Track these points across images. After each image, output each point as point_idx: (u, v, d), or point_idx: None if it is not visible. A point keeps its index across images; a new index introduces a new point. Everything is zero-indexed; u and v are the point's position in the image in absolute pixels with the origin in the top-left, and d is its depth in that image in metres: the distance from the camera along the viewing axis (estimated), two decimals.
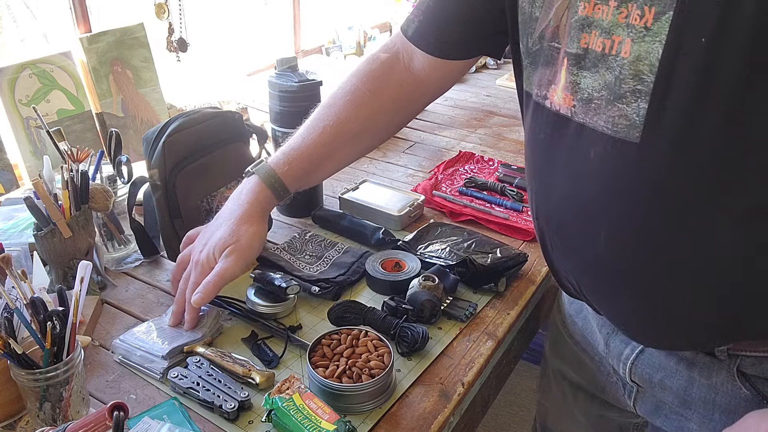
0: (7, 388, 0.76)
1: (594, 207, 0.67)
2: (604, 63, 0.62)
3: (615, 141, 0.62)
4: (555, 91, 0.68)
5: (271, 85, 1.15)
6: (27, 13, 1.36)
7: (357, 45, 2.09)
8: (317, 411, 0.75)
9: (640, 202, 0.62)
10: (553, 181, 0.72)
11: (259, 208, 0.91)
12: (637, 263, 0.66)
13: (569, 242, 0.73)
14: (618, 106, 0.61)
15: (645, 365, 0.78)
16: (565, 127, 0.68)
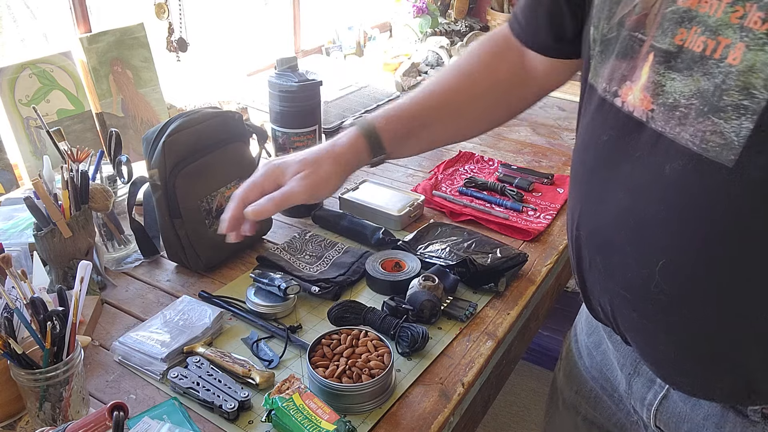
0: (7, 388, 0.76)
1: (657, 230, 0.58)
2: (702, 67, 0.53)
3: (701, 160, 0.53)
4: (630, 89, 0.60)
5: (271, 85, 1.15)
6: (27, 13, 1.36)
7: (357, 45, 2.09)
8: (317, 411, 0.75)
9: (716, 234, 0.54)
10: (608, 192, 0.63)
11: (350, 155, 0.86)
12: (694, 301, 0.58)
13: (614, 264, 0.64)
14: (712, 119, 0.52)
15: (670, 413, 0.71)
16: (637, 132, 0.59)
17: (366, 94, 1.69)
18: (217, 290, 1.03)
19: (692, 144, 0.53)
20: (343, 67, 1.93)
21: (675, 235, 0.57)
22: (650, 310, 0.62)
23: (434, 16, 2.29)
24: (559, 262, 1.19)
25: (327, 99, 1.56)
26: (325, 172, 0.82)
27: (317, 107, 1.18)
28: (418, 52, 2.14)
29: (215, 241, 1.07)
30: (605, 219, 0.64)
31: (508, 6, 2.36)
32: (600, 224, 0.65)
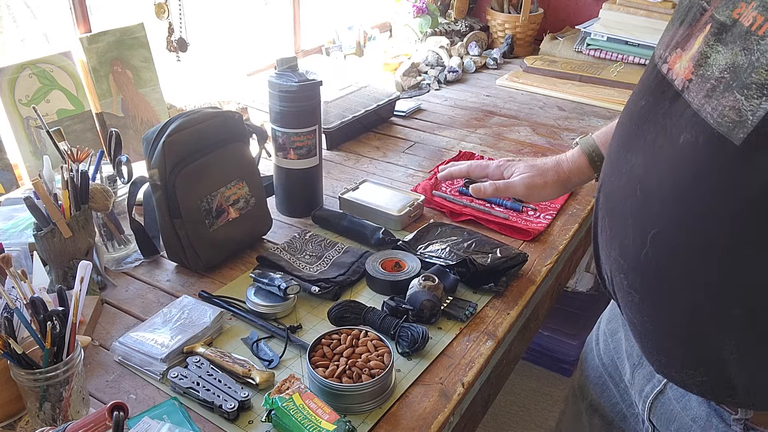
0: (7, 388, 0.76)
1: (656, 198, 0.58)
2: (743, 41, 0.51)
3: (712, 134, 0.52)
4: (680, 56, 0.58)
5: (271, 85, 1.15)
6: (27, 12, 1.36)
7: (357, 45, 2.09)
8: (317, 411, 0.75)
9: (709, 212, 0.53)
10: (630, 157, 0.63)
11: (573, 171, 0.99)
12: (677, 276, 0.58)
13: (617, 229, 0.65)
14: (735, 95, 0.50)
15: (663, 409, 0.73)
16: (671, 101, 0.58)
17: (366, 94, 1.69)
18: (217, 290, 1.03)
19: (710, 117, 0.52)
20: (343, 67, 1.93)
21: (671, 205, 0.56)
22: (638, 280, 0.62)
23: (434, 16, 2.29)
24: (559, 262, 1.19)
25: (327, 99, 1.56)
26: (544, 180, 0.99)
27: (317, 107, 1.18)
28: (418, 52, 2.14)
29: (215, 241, 1.07)
30: (619, 183, 0.64)
31: (508, 6, 2.36)
32: (614, 188, 0.66)
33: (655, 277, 0.60)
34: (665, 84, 0.60)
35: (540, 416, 2.03)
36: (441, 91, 2.02)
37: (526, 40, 2.38)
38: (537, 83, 2.02)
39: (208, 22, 1.68)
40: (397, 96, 1.76)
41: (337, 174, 1.45)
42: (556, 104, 1.91)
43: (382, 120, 1.74)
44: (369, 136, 1.66)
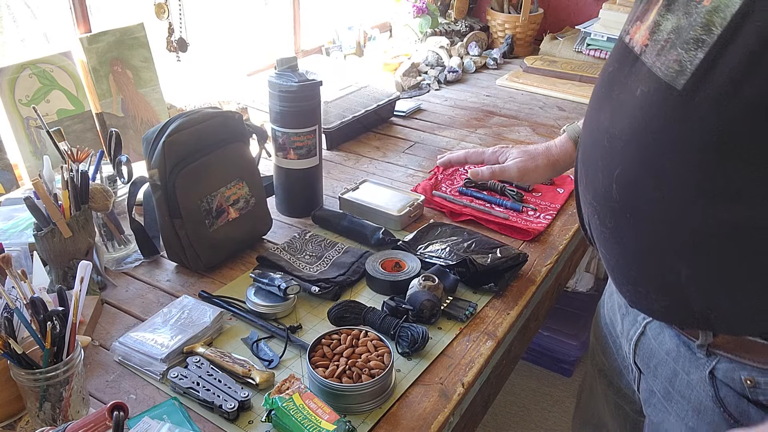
0: (7, 388, 0.76)
1: (618, 142, 0.68)
2: (686, 7, 0.61)
3: (661, 84, 0.62)
4: (639, 28, 0.69)
5: (271, 85, 1.15)
6: (27, 12, 1.36)
7: (357, 45, 2.09)
8: (317, 411, 0.75)
9: (661, 148, 0.63)
10: (599, 114, 0.74)
11: (561, 156, 1.06)
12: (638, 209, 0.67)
13: (590, 176, 0.75)
14: (678, 50, 0.61)
15: (644, 349, 0.82)
16: (631, 64, 0.68)
17: (366, 94, 1.69)
18: (217, 290, 1.03)
19: (659, 71, 0.63)
20: (343, 67, 1.93)
21: (629, 145, 0.67)
22: (608, 218, 0.71)
23: (434, 16, 2.29)
24: (559, 262, 1.19)
25: (327, 99, 1.56)
26: (535, 164, 1.05)
27: (317, 107, 1.18)
28: (418, 52, 2.14)
29: (215, 241, 1.07)
30: (591, 138, 0.75)
31: (508, 6, 2.36)
32: (587, 142, 0.76)
33: (620, 210, 0.69)
34: (627, 51, 0.70)
35: (540, 416, 2.03)
36: (441, 91, 2.02)
37: (526, 40, 2.38)
38: (537, 83, 2.02)
39: (208, 22, 1.68)
40: (397, 96, 1.76)
41: (337, 174, 1.45)
42: (556, 104, 1.91)
43: (382, 120, 1.74)
44: (369, 136, 1.66)
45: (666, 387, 0.79)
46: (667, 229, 0.64)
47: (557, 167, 1.08)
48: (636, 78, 0.67)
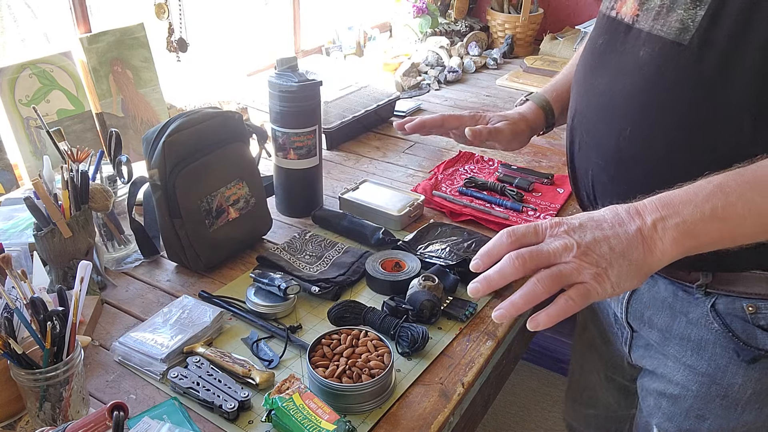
0: (7, 388, 0.76)
1: (626, 101, 0.72)
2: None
3: (665, 42, 0.68)
4: (624, 2, 0.75)
5: (271, 85, 1.15)
6: (28, 12, 1.36)
7: (357, 45, 2.09)
8: (317, 411, 0.75)
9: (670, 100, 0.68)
10: (596, 80, 0.78)
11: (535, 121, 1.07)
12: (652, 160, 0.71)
13: (596, 137, 0.78)
14: (678, 12, 0.67)
15: (637, 303, 0.85)
16: (625, 33, 0.74)
17: (366, 94, 1.69)
18: (217, 290, 1.03)
19: (662, 32, 0.68)
20: (343, 67, 1.93)
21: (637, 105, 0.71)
22: (617, 171, 0.76)
23: (434, 16, 2.29)
24: None
25: (327, 99, 1.56)
26: (520, 128, 1.07)
27: (317, 107, 1.18)
28: (418, 52, 2.14)
29: (215, 241, 1.07)
30: (592, 101, 0.79)
31: (508, 6, 2.36)
32: (587, 107, 0.80)
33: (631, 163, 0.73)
34: (616, 23, 0.75)
35: (540, 416, 2.03)
36: (441, 91, 2.02)
37: (526, 40, 2.38)
38: (537, 83, 2.02)
39: (208, 22, 1.68)
40: (397, 96, 1.76)
41: (337, 174, 1.45)
42: None
43: (382, 120, 1.74)
44: (369, 136, 1.66)
45: (662, 334, 0.82)
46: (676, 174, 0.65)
47: (533, 132, 1.10)
48: (634, 43, 0.72)
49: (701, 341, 0.78)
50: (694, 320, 0.78)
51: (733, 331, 0.75)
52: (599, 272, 0.58)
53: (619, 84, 0.73)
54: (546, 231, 0.62)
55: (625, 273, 0.58)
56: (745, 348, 0.74)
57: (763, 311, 0.73)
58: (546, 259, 0.60)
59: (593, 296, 0.59)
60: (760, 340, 0.74)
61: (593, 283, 0.58)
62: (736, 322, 0.75)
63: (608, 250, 0.58)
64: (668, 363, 0.83)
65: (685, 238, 0.58)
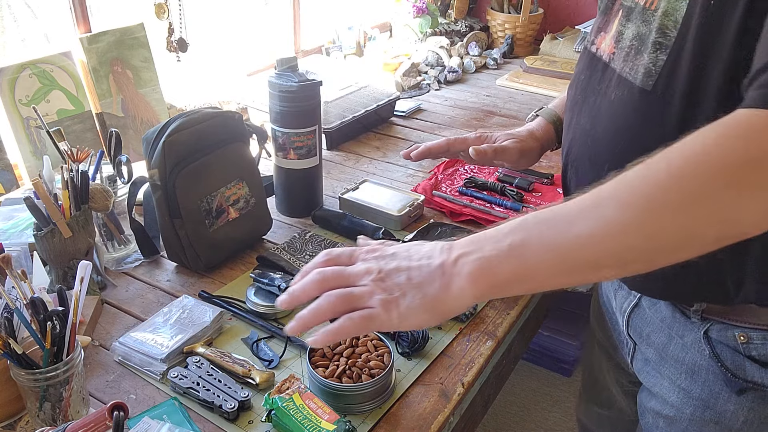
0: (7, 388, 0.76)
1: (604, 142, 0.74)
2: (642, 16, 0.68)
3: (633, 87, 0.68)
4: (604, 38, 0.76)
5: (271, 85, 1.15)
6: (28, 12, 1.36)
7: (357, 45, 2.09)
8: (317, 411, 0.75)
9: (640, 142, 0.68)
10: (580, 118, 0.79)
11: (545, 138, 1.05)
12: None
13: (581, 173, 0.80)
14: (642, 55, 0.67)
15: (638, 319, 0.85)
16: (602, 71, 0.75)
17: (366, 94, 1.69)
18: (217, 290, 1.03)
19: (629, 75, 0.69)
20: (343, 67, 1.93)
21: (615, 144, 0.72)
22: None
23: (434, 16, 2.29)
24: None
25: (327, 99, 1.56)
26: (530, 146, 1.04)
27: (317, 107, 1.18)
28: (418, 52, 2.14)
29: (215, 241, 1.07)
30: (577, 139, 0.80)
31: (508, 6, 2.36)
32: (574, 143, 0.81)
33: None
34: (596, 60, 0.77)
35: (540, 416, 2.03)
36: (441, 91, 2.02)
37: (526, 40, 2.38)
38: (537, 83, 2.02)
39: (208, 22, 1.68)
40: (397, 96, 1.76)
41: (337, 174, 1.45)
42: None
43: (382, 120, 1.74)
44: (369, 136, 1.66)
45: (659, 353, 0.81)
46: None
47: (543, 149, 1.08)
48: (609, 84, 0.73)
49: (695, 366, 0.77)
50: (688, 344, 0.77)
51: (722, 361, 0.74)
52: (390, 299, 0.57)
53: (598, 126, 0.74)
54: (360, 255, 0.62)
55: (417, 305, 0.57)
56: (733, 379, 0.73)
57: (755, 341, 0.71)
58: (345, 280, 0.60)
59: (376, 322, 0.58)
60: (749, 371, 0.72)
61: (380, 309, 0.57)
62: (726, 351, 0.73)
63: (405, 280, 0.58)
64: (664, 383, 0.82)
65: (482, 274, 0.55)
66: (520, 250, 0.55)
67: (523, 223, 0.56)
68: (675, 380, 0.80)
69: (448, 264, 0.57)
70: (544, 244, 0.54)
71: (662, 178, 0.51)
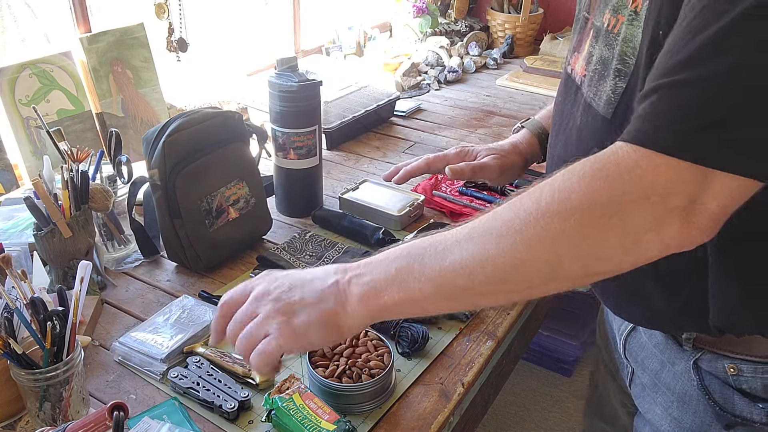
0: (7, 388, 0.76)
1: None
2: (606, 39, 0.65)
3: (596, 113, 0.66)
4: (577, 59, 0.74)
5: (271, 85, 1.15)
6: (28, 12, 1.36)
7: (357, 45, 2.09)
8: (317, 411, 0.75)
9: None
10: (556, 142, 0.79)
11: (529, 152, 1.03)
12: None
13: None
14: (605, 80, 0.65)
15: (634, 342, 0.83)
16: (575, 94, 0.73)
17: (366, 94, 1.69)
18: (217, 290, 1.03)
19: (593, 102, 0.67)
20: (343, 67, 1.93)
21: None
22: None
23: (434, 16, 2.29)
24: None
25: (327, 99, 1.56)
26: (511, 161, 1.01)
27: (317, 107, 1.18)
28: (418, 52, 2.14)
29: (215, 241, 1.07)
30: (553, 164, 0.79)
31: (508, 6, 2.36)
32: (550, 168, 0.81)
33: None
34: (571, 81, 0.75)
35: (540, 416, 2.03)
36: (441, 91, 2.02)
37: (526, 40, 2.38)
38: (537, 83, 2.02)
39: (208, 22, 1.68)
40: (397, 96, 1.76)
41: (337, 174, 1.45)
42: None
43: (382, 120, 1.74)
44: (369, 136, 1.66)
45: (653, 379, 0.80)
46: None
47: (528, 162, 1.06)
48: (578, 108, 0.71)
49: (685, 395, 0.75)
50: (678, 372, 0.75)
51: (710, 393, 0.71)
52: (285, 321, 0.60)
53: (569, 151, 0.73)
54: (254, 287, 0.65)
55: (314, 321, 0.59)
56: (721, 413, 0.70)
57: (746, 374, 0.68)
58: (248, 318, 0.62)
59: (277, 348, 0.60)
60: (738, 406, 0.69)
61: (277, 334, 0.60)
62: (715, 383, 0.71)
63: (299, 299, 0.60)
64: (657, 410, 0.81)
65: (370, 296, 0.58)
66: (404, 276, 0.57)
67: (411, 249, 0.58)
68: (667, 408, 0.78)
69: (342, 283, 0.59)
70: (424, 271, 0.56)
71: (531, 212, 0.53)
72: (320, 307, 0.59)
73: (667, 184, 0.48)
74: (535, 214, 0.53)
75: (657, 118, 0.49)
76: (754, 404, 0.68)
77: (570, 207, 0.51)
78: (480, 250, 0.54)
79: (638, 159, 0.49)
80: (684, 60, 0.48)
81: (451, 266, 0.55)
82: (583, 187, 0.51)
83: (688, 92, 0.48)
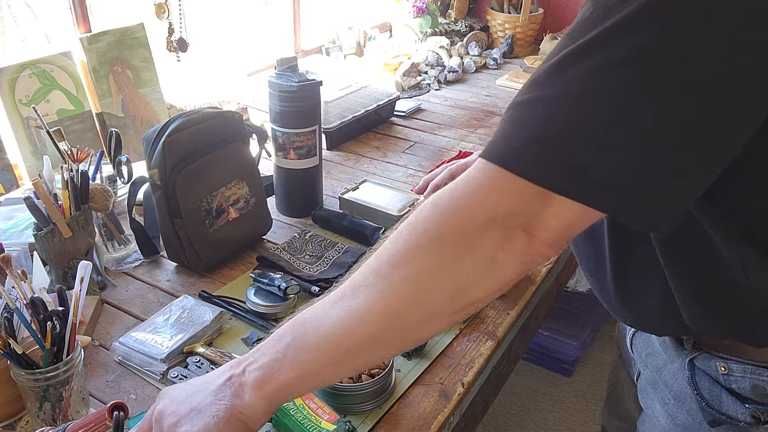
0: (7, 388, 0.76)
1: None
2: None
3: None
4: None
5: (271, 85, 1.15)
6: (28, 12, 1.36)
7: (357, 45, 2.09)
8: (317, 411, 0.75)
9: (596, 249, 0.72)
10: None
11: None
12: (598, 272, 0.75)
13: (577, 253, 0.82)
14: None
15: (640, 339, 0.85)
16: None
17: (366, 94, 1.69)
18: (217, 290, 1.03)
19: None
20: (343, 67, 1.93)
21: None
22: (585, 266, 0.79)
23: (434, 16, 2.29)
24: (560, 262, 1.19)
25: (327, 99, 1.56)
26: None
27: (317, 107, 1.18)
28: (418, 52, 2.14)
29: (215, 241, 1.07)
30: None
31: (508, 6, 2.36)
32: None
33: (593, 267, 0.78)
34: None
35: (540, 416, 2.03)
36: (441, 91, 2.02)
37: (526, 40, 2.38)
38: None
39: (208, 22, 1.68)
40: (397, 96, 1.76)
41: (337, 174, 1.45)
42: None
43: (382, 120, 1.74)
44: (369, 136, 1.66)
45: (654, 376, 0.81)
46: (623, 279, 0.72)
47: None
48: None
49: (681, 393, 0.77)
50: (676, 370, 0.77)
51: (698, 389, 0.73)
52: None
53: None
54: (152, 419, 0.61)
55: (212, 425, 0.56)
56: (707, 409, 0.72)
57: (735, 374, 0.70)
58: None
59: None
60: (724, 404, 0.71)
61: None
62: (705, 380, 0.73)
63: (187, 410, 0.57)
64: (656, 406, 0.83)
65: (266, 380, 0.56)
66: (294, 352, 0.55)
67: (296, 322, 0.57)
68: (665, 404, 0.80)
69: (236, 375, 0.57)
70: (308, 343, 0.55)
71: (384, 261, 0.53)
72: (217, 406, 0.57)
73: (509, 204, 0.49)
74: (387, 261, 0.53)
75: (502, 135, 0.49)
76: (741, 404, 0.70)
77: (427, 239, 0.51)
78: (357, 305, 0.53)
79: (483, 180, 0.50)
80: (531, 81, 0.49)
81: (331, 331, 0.54)
82: (435, 217, 0.52)
83: (527, 111, 0.48)
